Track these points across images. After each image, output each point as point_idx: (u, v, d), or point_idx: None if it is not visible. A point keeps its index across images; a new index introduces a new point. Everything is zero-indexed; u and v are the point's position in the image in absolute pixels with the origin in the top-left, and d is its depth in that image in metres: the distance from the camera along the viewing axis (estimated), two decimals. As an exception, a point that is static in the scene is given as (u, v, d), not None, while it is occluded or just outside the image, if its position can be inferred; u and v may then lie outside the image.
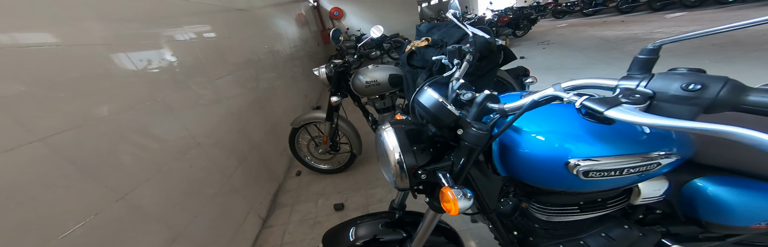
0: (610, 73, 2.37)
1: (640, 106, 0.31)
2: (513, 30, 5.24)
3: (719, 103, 0.28)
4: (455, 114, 0.44)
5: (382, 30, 1.46)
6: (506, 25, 5.14)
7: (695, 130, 0.26)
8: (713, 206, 0.50)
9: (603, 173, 0.42)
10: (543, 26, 6.37)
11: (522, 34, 5.38)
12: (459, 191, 0.41)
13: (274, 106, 1.86)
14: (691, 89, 0.29)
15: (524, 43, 4.67)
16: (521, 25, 5.25)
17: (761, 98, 0.26)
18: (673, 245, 0.57)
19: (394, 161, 0.45)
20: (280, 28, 2.74)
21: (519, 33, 5.36)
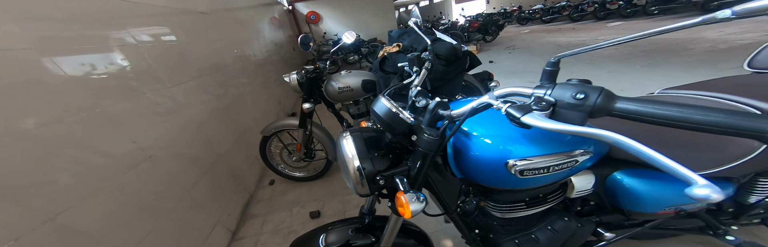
0: (562, 74, 2.61)
1: (546, 112, 0.36)
2: (483, 35, 5.60)
3: (597, 109, 0.33)
4: (407, 122, 0.45)
5: (355, 35, 1.47)
6: (477, 30, 5.48)
7: (580, 133, 0.32)
8: (629, 196, 0.58)
9: (535, 171, 0.46)
10: (509, 32, 6.89)
11: (491, 39, 5.76)
12: (412, 195, 0.43)
13: (243, 114, 1.78)
14: (578, 98, 0.34)
15: (493, 47, 5.00)
16: (490, 31, 5.63)
17: (624, 105, 0.32)
18: (605, 233, 0.65)
19: (352, 169, 0.46)
20: (251, 32, 2.66)
21: (488, 38, 5.73)
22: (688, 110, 0.28)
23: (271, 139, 1.53)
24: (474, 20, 5.60)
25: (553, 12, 7.06)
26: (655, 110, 0.30)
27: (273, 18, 3.66)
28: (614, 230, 0.66)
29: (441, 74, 1.32)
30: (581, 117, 0.34)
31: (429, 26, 6.39)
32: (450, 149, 0.53)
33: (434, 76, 1.29)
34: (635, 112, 0.31)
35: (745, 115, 0.26)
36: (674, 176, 0.27)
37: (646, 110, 0.30)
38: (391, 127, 0.47)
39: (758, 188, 0.64)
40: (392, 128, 0.47)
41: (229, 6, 2.19)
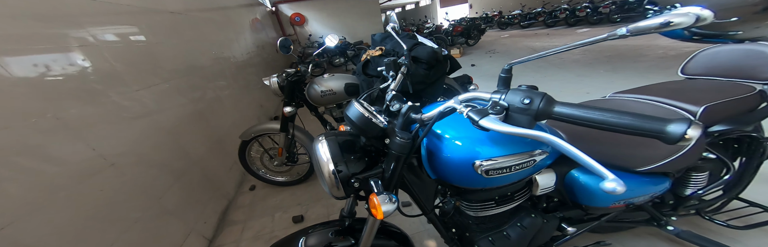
0: (535, 79, 2.80)
1: (500, 116, 0.39)
2: (466, 39, 5.82)
3: (541, 113, 0.37)
4: (380, 126, 0.47)
5: (337, 39, 1.47)
6: (460, 34, 5.68)
7: (523, 134, 0.35)
8: (585, 192, 0.62)
9: (499, 170, 0.49)
10: (490, 36, 7.20)
11: (473, 43, 5.99)
12: (385, 196, 0.44)
13: (221, 118, 1.72)
14: (525, 103, 0.37)
15: (475, 51, 5.21)
16: (472, 35, 5.85)
17: (561, 109, 0.35)
18: (568, 227, 0.69)
19: (327, 172, 0.47)
20: (230, 34, 2.59)
21: (471, 42, 5.96)
22: (607, 114, 0.32)
23: (251, 143, 1.49)
24: (457, 24, 5.80)
25: (530, 18, 7.49)
26: (583, 114, 0.34)
27: (254, 19, 3.58)
28: (575, 225, 0.70)
29: (422, 78, 1.36)
30: (529, 120, 0.38)
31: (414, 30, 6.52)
32: (424, 151, 0.55)
33: (416, 79, 1.33)
34: (569, 115, 0.35)
35: (648, 119, 0.30)
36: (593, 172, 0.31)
37: (576, 114, 0.34)
38: (364, 131, 0.48)
39: (691, 182, 0.72)
40: (365, 132, 0.48)
41: (204, 6, 2.11)
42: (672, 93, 0.70)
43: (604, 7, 5.57)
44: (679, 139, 0.28)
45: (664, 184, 0.65)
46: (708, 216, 0.81)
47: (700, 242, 0.70)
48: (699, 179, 0.71)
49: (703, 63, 0.76)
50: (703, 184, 0.72)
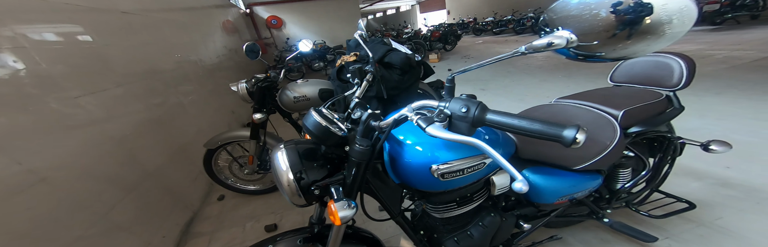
0: (505, 83, 3.00)
1: (444, 123, 0.41)
2: (443, 44, 6.07)
3: (476, 120, 0.39)
4: (338, 135, 0.47)
5: (311, 44, 1.45)
6: (438, 39, 5.91)
7: (458, 140, 0.38)
8: (534, 190, 0.67)
9: (454, 173, 0.51)
10: (466, 42, 7.59)
11: (450, 48, 6.26)
12: (344, 202, 0.45)
13: (184, 125, 1.62)
14: (463, 111, 0.40)
15: (452, 56, 5.45)
16: (449, 40, 6.13)
17: (491, 117, 0.39)
18: (524, 224, 0.74)
19: (286, 180, 0.47)
20: (197, 36, 2.46)
21: (448, 47, 6.24)
22: (523, 121, 0.36)
23: (218, 152, 1.41)
24: (436, 30, 6.04)
25: (501, 25, 8.03)
26: (507, 121, 0.37)
27: (226, 21, 3.43)
28: (530, 221, 0.76)
29: (396, 83, 1.39)
30: (467, 127, 0.41)
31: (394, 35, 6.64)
32: (386, 156, 0.56)
33: (390, 85, 1.36)
34: (497, 122, 0.39)
35: (551, 126, 0.34)
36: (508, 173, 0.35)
37: (502, 121, 0.38)
38: (322, 139, 0.48)
39: (619, 177, 0.81)
40: (324, 141, 0.49)
41: (163, 6, 1.97)
42: (601, 99, 0.79)
43: None
44: (572, 142, 0.33)
45: (598, 180, 0.73)
46: (634, 208, 0.91)
47: (627, 231, 0.79)
48: (624, 175, 0.80)
49: (625, 72, 0.86)
50: (628, 179, 0.82)
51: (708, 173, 1.18)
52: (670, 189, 1.12)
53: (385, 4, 12.45)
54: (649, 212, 0.90)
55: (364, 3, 9.71)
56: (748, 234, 0.89)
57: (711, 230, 0.93)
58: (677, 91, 0.79)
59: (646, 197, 0.96)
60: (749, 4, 3.92)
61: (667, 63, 0.77)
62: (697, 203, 1.04)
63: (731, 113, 1.61)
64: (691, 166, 1.22)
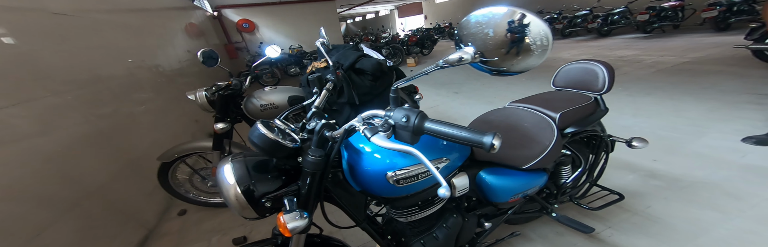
0: (476, 87, 3.18)
1: (387, 132, 0.43)
2: (420, 49, 6.27)
3: (416, 129, 0.41)
4: (288, 147, 0.46)
5: (279, 50, 1.42)
6: (415, 44, 6.09)
7: (396, 149, 0.39)
8: (490, 189, 0.71)
9: (408, 179, 0.53)
10: (442, 46, 7.91)
11: (427, 52, 6.48)
12: (296, 213, 0.44)
13: (135, 137, 1.49)
14: (404, 121, 0.41)
15: (429, 61, 5.66)
16: (426, 45, 6.35)
17: (429, 125, 0.41)
18: (485, 223, 0.78)
19: (233, 195, 0.45)
20: (153, 39, 2.29)
21: (425, 52, 6.45)
22: (453, 129, 0.39)
23: (175, 164, 1.32)
24: (413, 35, 6.22)
25: None
26: (441, 129, 0.40)
27: (190, 24, 3.23)
28: (491, 220, 0.80)
29: (368, 89, 1.41)
30: (410, 135, 0.42)
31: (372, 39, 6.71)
32: (345, 165, 0.57)
33: (362, 91, 1.37)
34: (433, 130, 0.41)
35: (474, 133, 0.38)
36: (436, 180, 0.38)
37: (437, 129, 0.40)
38: (270, 153, 0.47)
39: (562, 174, 0.89)
40: (273, 154, 0.48)
41: (106, 7, 1.79)
42: (543, 102, 0.87)
43: None
44: (490, 147, 0.36)
45: (544, 177, 0.80)
46: (577, 202, 1.00)
47: (570, 224, 0.86)
48: (565, 171, 0.89)
49: (563, 77, 0.96)
50: (569, 175, 0.91)
51: (640, 166, 1.34)
52: (611, 182, 1.26)
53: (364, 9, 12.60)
54: (588, 205, 1.00)
55: (343, 7, 9.75)
56: (672, 220, 1.02)
57: (642, 218, 1.05)
58: (603, 94, 0.88)
59: (586, 191, 1.07)
60: (671, 16, 4.60)
61: (593, 69, 0.87)
62: (631, 193, 1.18)
63: (658, 112, 1.85)
64: (627, 160, 1.38)
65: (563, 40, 5.88)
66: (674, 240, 0.94)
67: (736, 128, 1.48)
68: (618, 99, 2.18)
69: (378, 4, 11.65)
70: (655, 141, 1.51)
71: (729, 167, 1.24)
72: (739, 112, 1.66)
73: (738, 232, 0.93)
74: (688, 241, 0.93)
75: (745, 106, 1.72)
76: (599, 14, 5.44)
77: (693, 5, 4.46)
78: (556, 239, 1.02)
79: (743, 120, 1.55)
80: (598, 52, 4.14)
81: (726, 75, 2.31)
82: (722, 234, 0.93)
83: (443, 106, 2.70)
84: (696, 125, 1.61)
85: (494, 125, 0.87)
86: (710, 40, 3.68)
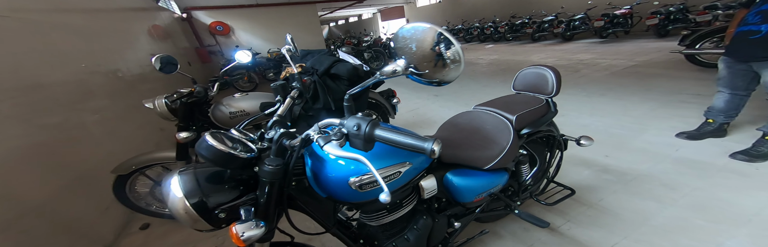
0: (455, 89, 3.30)
1: (340, 141, 0.44)
2: (402, 53, 6.37)
3: (368, 137, 0.43)
4: (242, 157, 0.46)
5: (250, 54, 1.38)
6: (396, 48, 6.18)
7: (346, 157, 0.40)
8: (456, 190, 0.74)
9: (371, 184, 0.54)
10: (424, 51, 8.16)
11: (409, 56, 6.63)
12: (251, 223, 0.44)
13: (85, 148, 1.36)
14: (355, 129, 0.43)
15: (410, 64, 5.78)
16: (407, 49, 6.47)
17: (379, 133, 0.42)
18: (455, 222, 0.80)
19: (182, 208, 0.44)
20: (109, 43, 2.12)
21: (407, 55, 6.58)
22: (399, 136, 0.41)
23: (134, 177, 1.22)
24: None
25: (454, 33, 8.89)
26: (389, 137, 0.42)
27: (154, 26, 3.04)
28: (460, 220, 0.83)
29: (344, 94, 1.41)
30: (362, 143, 0.44)
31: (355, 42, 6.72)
32: (309, 172, 0.57)
33: (338, 96, 1.37)
34: (382, 138, 0.42)
35: (417, 139, 0.40)
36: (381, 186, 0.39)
37: (386, 137, 0.42)
38: (221, 164, 0.46)
39: (521, 172, 0.95)
40: (224, 165, 0.47)
41: (47, 7, 1.60)
42: (503, 105, 0.93)
43: (501, 28, 7.21)
44: (431, 153, 0.38)
45: (505, 176, 0.84)
46: (536, 198, 1.08)
47: (529, 219, 0.92)
48: (525, 170, 0.96)
49: (521, 81, 1.03)
50: (528, 173, 0.97)
51: (594, 162, 1.46)
52: (570, 178, 1.36)
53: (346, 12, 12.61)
54: (545, 201, 1.08)
55: (324, 10, 9.69)
56: (620, 211, 1.12)
57: (596, 211, 1.14)
58: (553, 97, 0.96)
59: (545, 188, 1.15)
60: (622, 23, 5.16)
61: (543, 74, 0.94)
62: (586, 187, 1.28)
63: (610, 111, 2.04)
64: (584, 157, 1.51)
65: (533, 44, 6.29)
66: (621, 230, 1.03)
67: (672, 125, 1.68)
68: (578, 100, 2.37)
69: (360, 8, 11.74)
70: (607, 138, 1.69)
71: (665, 161, 1.39)
72: (674, 110, 1.88)
73: (673, 219, 1.05)
74: (632, 230, 1.02)
75: (678, 104, 1.95)
76: (563, 20, 5.90)
77: (640, 13, 5.01)
78: (523, 234, 1.08)
79: (677, 117, 1.76)
80: (562, 56, 4.48)
81: (664, 77, 2.61)
82: (660, 222, 1.04)
83: (423, 108, 2.76)
84: (640, 123, 1.80)
85: (460, 128, 0.91)
86: (653, 45, 4.14)
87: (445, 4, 10.23)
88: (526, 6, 7.38)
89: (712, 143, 1.46)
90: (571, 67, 3.60)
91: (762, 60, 1.17)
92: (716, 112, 1.43)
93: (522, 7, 7.48)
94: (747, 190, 1.13)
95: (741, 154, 1.30)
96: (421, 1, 11.24)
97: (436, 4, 10.55)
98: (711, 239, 0.94)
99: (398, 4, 11.38)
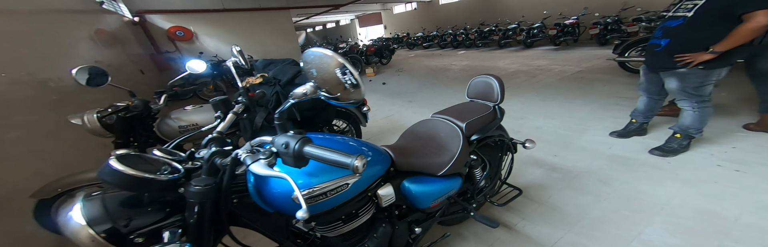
0: (428, 94, 3.43)
1: (269, 159, 0.43)
2: (379, 59, 6.50)
3: (297, 155, 0.43)
4: (161, 180, 0.43)
5: (204, 64, 1.28)
6: (374, 54, 6.29)
7: (271, 175, 0.40)
8: (413, 196, 0.76)
9: (316, 198, 0.54)
10: (400, 55, 8.36)
11: (386, 62, 6.76)
12: (175, 245, 0.42)
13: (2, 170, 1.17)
14: (284, 147, 0.43)
15: (387, 70, 5.88)
16: (384, 55, 6.61)
17: (310, 151, 0.43)
18: (415, 228, 0.82)
19: (82, 239, 0.41)
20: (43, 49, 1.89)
21: (384, 61, 6.71)
22: (326, 153, 0.42)
23: (61, 199, 1.08)
24: (371, 45, 6.43)
25: (429, 40, 9.31)
26: (318, 154, 0.42)
27: (98, 31, 2.76)
28: (421, 225, 0.85)
29: (310, 104, 1.37)
30: (293, 161, 0.44)
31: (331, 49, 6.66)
32: (252, 188, 0.55)
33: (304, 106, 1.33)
34: (311, 155, 0.43)
35: (345, 156, 0.41)
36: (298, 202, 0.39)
37: (314, 154, 0.42)
38: (135, 189, 0.43)
39: (475, 176, 1.01)
40: (139, 189, 0.44)
41: None
42: (456, 113, 0.98)
43: (471, 35, 7.71)
44: (354, 169, 0.39)
45: (458, 181, 0.88)
46: (489, 199, 1.14)
47: (482, 220, 0.97)
48: (477, 174, 1.02)
49: (473, 90, 1.09)
50: (481, 176, 1.03)
51: (545, 162, 1.60)
52: (525, 177, 1.47)
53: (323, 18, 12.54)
54: (498, 202, 1.16)
55: (300, 16, 9.56)
56: (565, 207, 1.23)
57: (545, 208, 1.24)
58: (498, 104, 1.03)
59: (498, 189, 1.23)
60: (571, 32, 5.81)
61: (490, 83, 1.01)
62: (538, 186, 1.39)
63: (560, 113, 2.27)
64: (538, 157, 1.64)
65: (500, 51, 6.78)
66: (565, 224, 1.13)
67: (607, 125, 1.90)
68: (534, 104, 2.59)
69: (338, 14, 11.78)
70: (556, 139, 1.86)
71: (601, 158, 1.57)
72: (608, 112, 2.14)
73: (606, 211, 1.17)
74: (574, 224, 1.13)
75: (612, 106, 2.23)
76: (524, 28, 6.45)
77: (585, 23, 5.67)
78: (485, 235, 1.13)
79: (611, 118, 2.00)
80: (523, 62, 4.88)
81: (603, 81, 2.96)
82: (596, 215, 1.16)
83: (397, 114, 2.81)
84: (582, 124, 2.01)
85: (418, 136, 0.94)
86: (595, 53, 4.70)
87: (420, 11, 10.66)
88: (492, 14, 7.98)
89: (636, 141, 1.68)
90: (530, 73, 3.93)
91: (663, 70, 1.39)
92: (638, 113, 1.65)
93: (489, 15, 8.08)
94: (661, 181, 1.30)
95: (657, 150, 1.51)
96: (398, 7, 11.61)
97: (412, 11, 10.95)
98: (634, 227, 1.07)
99: (375, 10, 11.64)
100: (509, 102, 2.71)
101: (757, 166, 1.30)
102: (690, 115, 1.38)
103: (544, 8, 6.55)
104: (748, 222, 1.01)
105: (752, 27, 1.07)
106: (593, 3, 5.87)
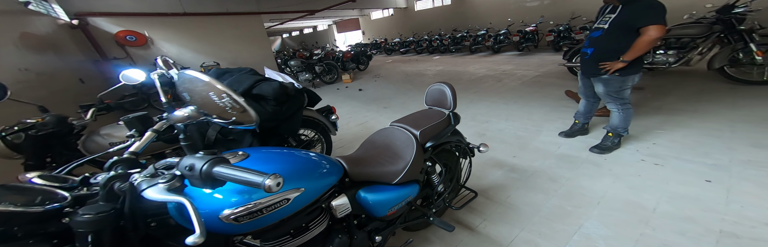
0: (403, 100, 3.49)
1: (170, 183, 0.40)
2: (356, 65, 6.50)
3: (205, 176, 0.40)
4: (32, 213, 0.39)
5: (143, 75, 1.18)
6: (350, 60, 6.28)
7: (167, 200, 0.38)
8: (369, 206, 0.76)
9: (250, 215, 0.51)
10: (378, 61, 8.48)
11: (364, 68, 6.79)
12: None
13: None
14: (188, 170, 0.41)
15: (364, 76, 5.91)
16: (362, 61, 6.65)
17: (220, 171, 0.40)
18: (375, 237, 0.82)
19: None
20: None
21: (362, 67, 6.74)
22: (238, 173, 0.40)
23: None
24: (348, 51, 6.42)
25: (406, 45, 9.60)
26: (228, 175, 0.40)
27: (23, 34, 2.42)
28: (380, 233, 0.85)
29: (271, 115, 1.30)
30: (202, 183, 0.41)
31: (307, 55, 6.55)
32: (173, 211, 0.51)
33: (264, 117, 1.26)
34: (222, 176, 0.40)
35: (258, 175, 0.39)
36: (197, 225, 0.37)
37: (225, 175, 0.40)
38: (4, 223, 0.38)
39: (433, 182, 1.03)
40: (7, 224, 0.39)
41: None
42: (412, 121, 1.00)
43: (445, 40, 8.09)
44: (268, 189, 0.38)
45: (415, 188, 0.90)
46: (448, 203, 1.18)
47: (439, 225, 1.00)
48: (435, 179, 1.05)
49: (429, 97, 1.12)
50: (439, 182, 1.06)
51: (505, 163, 1.70)
52: (488, 179, 1.55)
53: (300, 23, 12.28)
54: (455, 205, 1.20)
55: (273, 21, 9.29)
56: (520, 205, 1.31)
57: (504, 207, 1.31)
58: (453, 111, 1.06)
59: (457, 193, 1.28)
60: (531, 38, 6.36)
61: (443, 90, 1.04)
62: (498, 187, 1.47)
63: (519, 116, 2.44)
64: (499, 158, 1.75)
65: (471, 56, 7.19)
66: (520, 222, 1.20)
67: (557, 126, 2.09)
68: (498, 107, 2.77)
69: (314, 20, 11.64)
70: (515, 140, 1.99)
71: (551, 157, 1.71)
72: (558, 114, 2.35)
73: (553, 208, 1.27)
74: (527, 221, 1.21)
75: (562, 109, 2.46)
76: (491, 34, 6.91)
77: (542, 31, 6.25)
78: (450, 238, 1.16)
79: (561, 120, 2.20)
80: (491, 67, 5.21)
81: (556, 85, 3.26)
82: (546, 212, 1.26)
83: (372, 121, 2.82)
84: (538, 126, 2.19)
85: (376, 145, 0.95)
86: (551, 58, 5.18)
87: (397, 17, 10.96)
88: (464, 21, 8.46)
89: (580, 140, 1.86)
90: (496, 77, 4.20)
91: (592, 76, 1.58)
92: (579, 115, 1.84)
93: (461, 22, 8.55)
94: (598, 177, 1.45)
95: (595, 148, 1.69)
96: (375, 13, 11.81)
97: (389, 16, 11.22)
98: (575, 221, 1.17)
99: (353, 16, 11.71)
100: (477, 106, 2.86)
101: (672, 159, 1.50)
102: (617, 116, 1.57)
103: (508, 16, 7.10)
104: (664, 211, 1.16)
105: (646, 40, 1.27)
106: (549, 12, 6.48)
